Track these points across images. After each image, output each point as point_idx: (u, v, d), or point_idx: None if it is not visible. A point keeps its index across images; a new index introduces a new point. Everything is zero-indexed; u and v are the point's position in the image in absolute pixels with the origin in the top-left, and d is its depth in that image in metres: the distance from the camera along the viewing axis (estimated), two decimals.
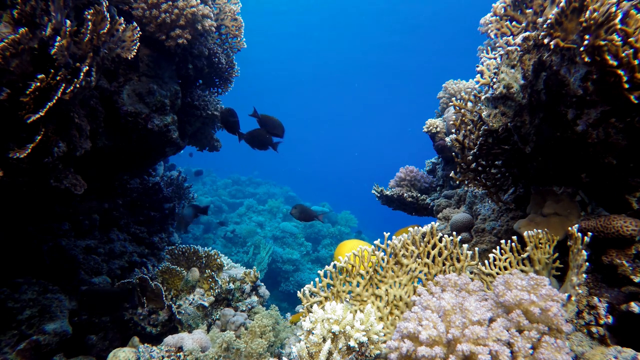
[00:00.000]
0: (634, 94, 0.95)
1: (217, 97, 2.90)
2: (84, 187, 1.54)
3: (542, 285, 0.90)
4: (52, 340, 1.83)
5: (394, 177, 2.94)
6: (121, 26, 1.56)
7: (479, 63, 1.52)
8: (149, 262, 2.71)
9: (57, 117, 1.37)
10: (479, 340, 0.83)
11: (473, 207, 1.99)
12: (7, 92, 1.16)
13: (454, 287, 1.06)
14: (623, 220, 1.10)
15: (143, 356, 1.58)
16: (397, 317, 1.20)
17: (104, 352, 2.00)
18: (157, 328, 2.02)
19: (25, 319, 1.83)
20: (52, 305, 1.95)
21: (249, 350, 1.62)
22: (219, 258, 2.36)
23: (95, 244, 2.50)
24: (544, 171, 1.38)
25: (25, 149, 1.21)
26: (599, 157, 1.11)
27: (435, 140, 2.67)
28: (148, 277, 2.03)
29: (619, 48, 0.94)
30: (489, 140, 1.53)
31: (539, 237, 1.21)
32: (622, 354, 0.92)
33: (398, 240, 1.24)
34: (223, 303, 2.24)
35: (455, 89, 2.76)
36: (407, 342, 0.89)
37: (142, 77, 2.19)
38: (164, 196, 3.23)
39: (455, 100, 1.64)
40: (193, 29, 2.21)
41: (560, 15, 1.01)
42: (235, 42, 2.80)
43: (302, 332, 1.06)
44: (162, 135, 2.28)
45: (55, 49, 1.21)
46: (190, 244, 2.44)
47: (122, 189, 2.87)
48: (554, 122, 1.20)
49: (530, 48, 1.21)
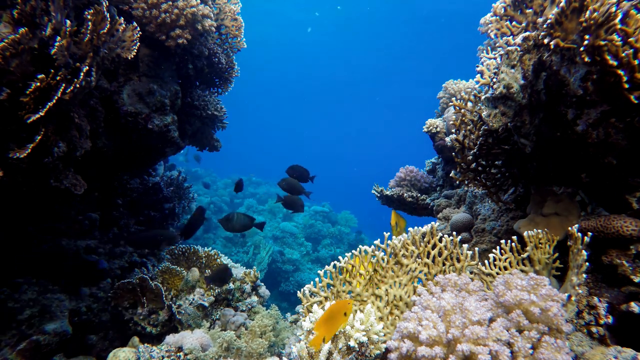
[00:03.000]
0: (634, 94, 0.95)
1: (217, 97, 2.90)
2: (84, 187, 1.54)
3: (542, 285, 0.90)
4: (52, 340, 1.83)
5: (394, 177, 2.93)
6: (121, 26, 1.56)
7: (479, 63, 1.52)
8: (149, 262, 2.71)
9: (57, 117, 1.37)
10: (479, 340, 0.83)
11: (473, 207, 1.99)
12: (7, 92, 1.16)
13: (454, 287, 1.06)
14: (623, 220, 1.10)
15: (143, 356, 1.58)
16: (397, 317, 1.20)
17: (104, 352, 2.00)
18: (157, 328, 2.02)
19: (25, 319, 1.83)
20: (52, 305, 1.95)
21: (250, 350, 1.62)
22: (219, 258, 2.35)
23: (95, 244, 2.50)
24: (544, 171, 1.38)
25: (25, 149, 1.21)
26: (599, 157, 1.11)
27: (435, 140, 2.67)
28: (148, 277, 2.03)
29: (619, 48, 0.94)
30: (489, 140, 1.53)
31: (539, 237, 1.21)
32: (622, 354, 0.92)
33: (398, 240, 1.24)
34: (223, 303, 2.24)
35: (455, 89, 2.76)
36: (407, 342, 0.89)
37: (142, 77, 2.19)
38: (164, 196, 3.23)
39: (455, 100, 1.64)
40: (193, 29, 2.21)
41: (560, 15, 1.01)
42: (235, 42, 2.80)
43: (302, 332, 1.06)
44: (162, 135, 2.28)
45: (55, 49, 1.21)
46: (190, 244, 2.44)
47: (122, 189, 2.87)
48: (554, 122, 1.20)
49: (530, 48, 1.21)
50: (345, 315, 0.97)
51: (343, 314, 0.96)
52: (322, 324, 0.96)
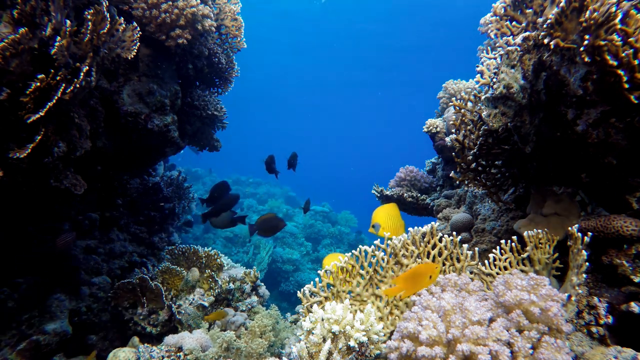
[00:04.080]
0: (634, 94, 0.95)
1: (217, 97, 2.90)
2: (84, 187, 1.54)
3: (542, 285, 0.90)
4: (52, 340, 1.83)
5: (394, 177, 2.93)
6: (121, 26, 1.56)
7: (479, 63, 1.52)
8: (149, 262, 2.71)
9: (57, 117, 1.37)
10: (479, 340, 0.83)
11: (473, 207, 1.99)
12: (7, 92, 1.16)
13: (454, 287, 1.06)
14: (623, 220, 1.10)
15: (143, 356, 1.58)
16: (397, 317, 1.20)
17: (104, 352, 2.00)
18: (157, 328, 2.02)
19: (25, 319, 1.83)
20: (52, 305, 1.95)
21: (249, 350, 1.62)
22: (219, 258, 2.35)
23: (95, 244, 2.50)
24: (544, 171, 1.38)
25: (25, 149, 1.21)
26: (599, 157, 1.11)
27: (435, 140, 2.67)
28: (148, 277, 2.03)
29: (619, 48, 0.94)
30: (489, 140, 1.53)
31: (539, 237, 1.21)
32: (622, 354, 0.92)
33: (398, 240, 1.24)
34: (223, 303, 2.24)
35: (455, 89, 2.76)
36: (407, 342, 0.89)
37: (142, 77, 2.19)
38: (164, 196, 3.23)
39: (455, 100, 1.64)
40: (193, 29, 2.21)
41: (560, 15, 1.01)
42: (235, 42, 2.80)
43: (302, 332, 1.06)
44: (162, 135, 2.28)
45: (55, 49, 1.21)
46: (190, 244, 2.44)
47: (122, 189, 2.87)
48: (554, 122, 1.20)
49: (530, 48, 1.21)
50: (430, 278, 0.94)
51: (428, 277, 0.94)
52: (404, 279, 0.94)
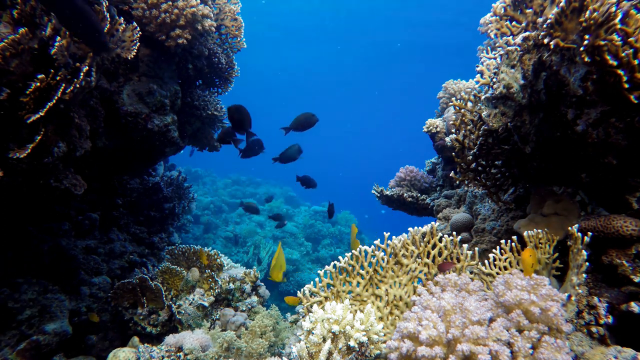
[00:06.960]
0: (634, 94, 0.95)
1: (217, 97, 2.90)
2: (84, 187, 1.54)
3: (542, 285, 0.90)
4: (52, 340, 1.83)
5: (394, 177, 2.93)
6: (121, 26, 1.56)
7: (479, 63, 1.52)
8: (149, 262, 2.71)
9: (57, 117, 1.37)
10: (479, 340, 0.83)
11: (473, 207, 1.99)
12: (7, 92, 1.16)
13: (454, 287, 1.06)
14: (623, 220, 1.10)
15: (143, 356, 1.58)
16: (397, 317, 1.20)
17: (104, 352, 2.00)
18: (157, 328, 2.02)
19: (25, 319, 1.83)
20: (52, 305, 1.95)
21: (250, 350, 1.62)
22: (219, 258, 2.35)
23: (95, 244, 2.50)
24: (544, 171, 1.38)
25: (25, 149, 1.21)
26: (599, 157, 1.11)
27: (435, 140, 2.67)
28: (148, 277, 2.03)
29: (619, 48, 0.94)
30: (489, 140, 1.53)
31: (539, 237, 1.21)
32: (622, 353, 0.92)
33: (398, 240, 1.24)
34: (223, 303, 2.24)
35: (455, 89, 2.76)
36: (407, 342, 0.89)
37: (142, 77, 2.19)
38: (164, 196, 3.23)
39: (455, 100, 1.64)
40: (193, 29, 2.21)
41: (560, 15, 1.01)
42: (235, 42, 2.80)
43: (302, 332, 1.06)
44: (162, 135, 2.28)
45: (55, 49, 1.21)
46: (191, 244, 2.44)
47: (122, 189, 2.87)
48: (554, 122, 1.20)
49: (530, 48, 1.21)
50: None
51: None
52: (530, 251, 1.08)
